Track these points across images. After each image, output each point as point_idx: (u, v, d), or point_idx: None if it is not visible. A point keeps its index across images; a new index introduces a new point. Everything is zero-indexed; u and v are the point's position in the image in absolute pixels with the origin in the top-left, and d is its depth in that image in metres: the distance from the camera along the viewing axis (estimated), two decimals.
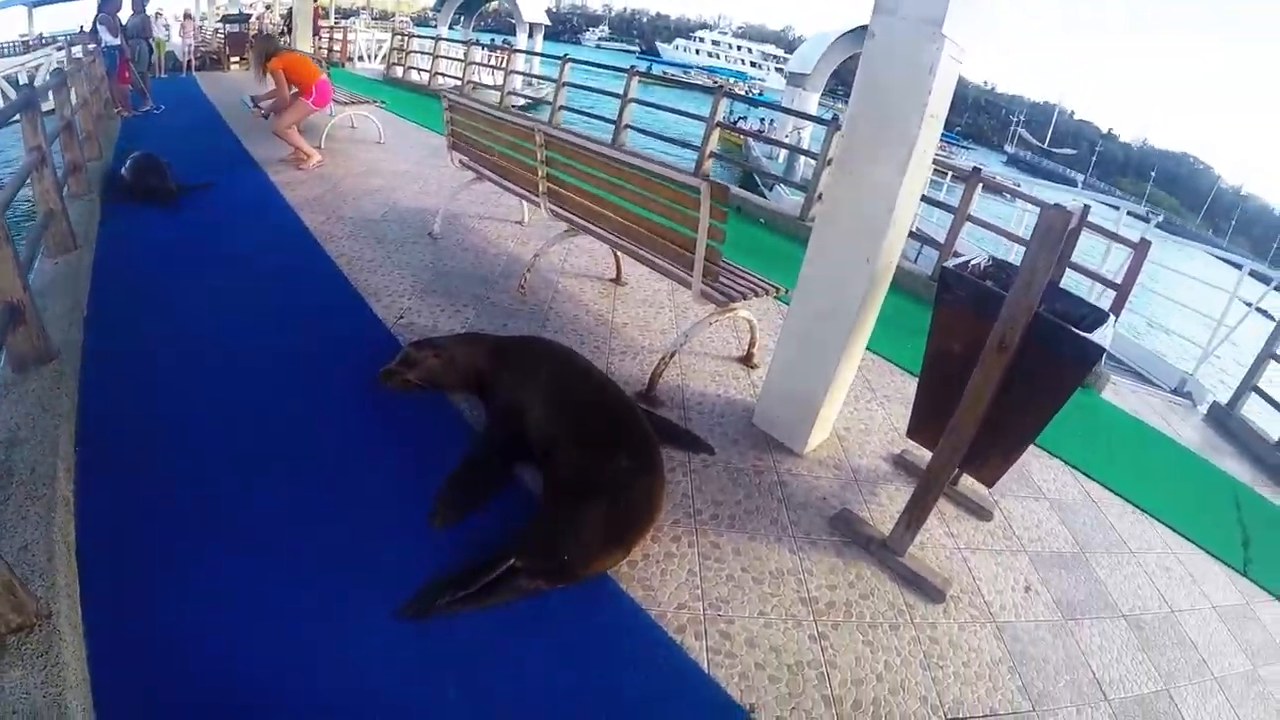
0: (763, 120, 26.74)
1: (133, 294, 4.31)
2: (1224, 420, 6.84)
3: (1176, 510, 4.43)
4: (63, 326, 3.60)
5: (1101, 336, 2.77)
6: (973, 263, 3.30)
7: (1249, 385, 6.90)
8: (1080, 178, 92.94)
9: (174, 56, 16.34)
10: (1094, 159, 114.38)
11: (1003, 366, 2.62)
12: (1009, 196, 9.85)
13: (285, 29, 20.58)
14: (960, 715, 2.49)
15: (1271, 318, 7.02)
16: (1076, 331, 2.72)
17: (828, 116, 9.21)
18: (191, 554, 2.50)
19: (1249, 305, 7.46)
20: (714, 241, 3.65)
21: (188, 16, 17.90)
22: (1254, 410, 7.07)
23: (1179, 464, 5.43)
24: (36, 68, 13.32)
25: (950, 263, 3.16)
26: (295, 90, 7.59)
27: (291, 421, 3.31)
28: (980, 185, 7.50)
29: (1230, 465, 5.80)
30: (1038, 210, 9.02)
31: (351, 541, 2.66)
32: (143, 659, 2.12)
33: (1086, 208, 3.80)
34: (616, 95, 10.92)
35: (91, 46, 10.41)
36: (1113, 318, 3.18)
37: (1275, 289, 7.72)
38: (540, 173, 4.70)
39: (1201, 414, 7.06)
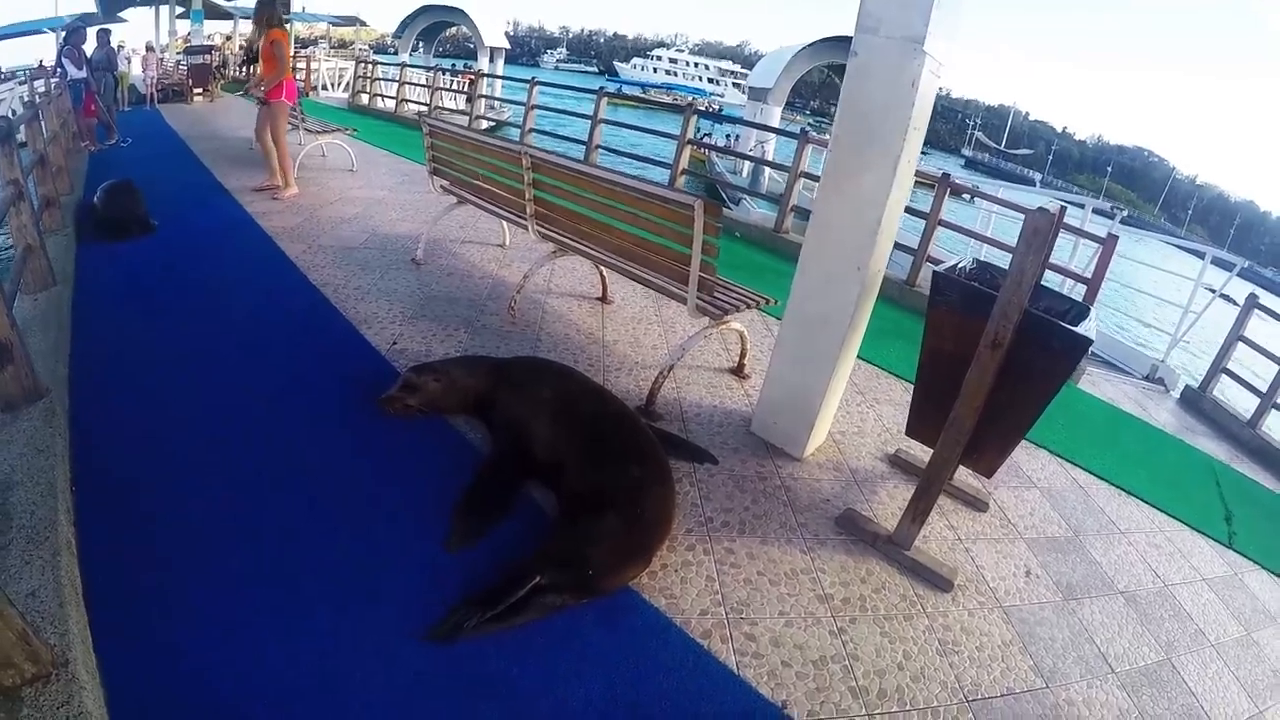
0: (728, 136, 26.99)
1: (117, 329, 4.27)
2: (1197, 402, 7.06)
3: (1160, 490, 4.60)
4: (49, 364, 3.54)
5: (1087, 329, 2.91)
6: (959, 266, 3.41)
7: (1219, 367, 7.13)
8: (1038, 176, 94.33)
9: (136, 89, 16.20)
10: (1050, 158, 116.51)
11: (997, 362, 2.74)
12: (970, 198, 10.06)
13: (245, 59, 20.54)
14: (979, 696, 2.59)
15: (1235, 302, 7.24)
16: (1065, 326, 2.84)
17: (795, 130, 9.36)
18: (203, 592, 2.47)
19: (1213, 291, 7.68)
20: (708, 257, 3.73)
21: (150, 48, 17.79)
22: (1225, 391, 7.31)
23: (1158, 447, 5.60)
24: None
25: (939, 267, 3.27)
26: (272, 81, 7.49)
27: (293, 453, 3.29)
28: (949, 190, 7.67)
29: (1206, 445, 6.00)
30: (998, 210, 9.33)
31: (367, 569, 2.65)
32: (165, 702, 2.08)
33: (1063, 209, 3.92)
34: (586, 116, 11.03)
35: (55, 80, 10.34)
36: (1094, 310, 3.31)
37: (1238, 275, 7.98)
38: (527, 195, 4.76)
39: (1175, 398, 7.29)
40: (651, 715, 2.28)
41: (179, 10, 23.69)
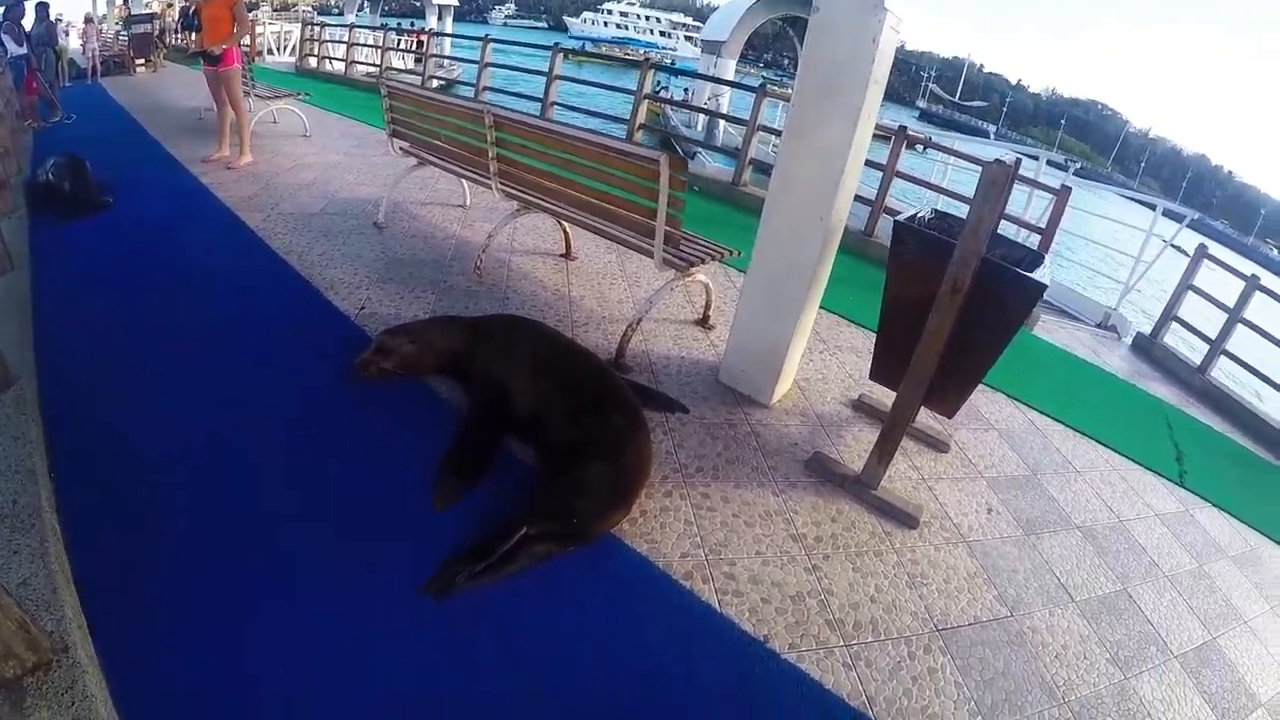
0: (686, 90, 26.82)
1: (80, 311, 4.19)
2: (1148, 349, 7.28)
3: (1113, 432, 4.78)
4: (14, 351, 3.45)
5: (1041, 275, 3.02)
6: (918, 216, 3.50)
7: (1170, 315, 7.34)
8: (992, 129, 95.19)
9: (76, 63, 15.65)
10: (1004, 110, 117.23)
11: (956, 308, 2.85)
12: (922, 149, 10.16)
13: (182, 26, 19.93)
14: (948, 625, 2.75)
15: (1186, 253, 7.45)
16: (1021, 272, 2.96)
17: (753, 84, 9.36)
18: (193, 567, 2.48)
19: (1166, 242, 7.88)
20: (674, 210, 3.79)
21: (89, 20, 17.19)
22: (1176, 338, 7.54)
23: (1111, 390, 5.80)
24: None
25: (900, 217, 3.35)
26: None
27: (271, 422, 3.29)
28: (905, 142, 7.77)
29: (1158, 389, 6.22)
30: (953, 162, 9.45)
31: (356, 532, 2.69)
32: (165, 681, 2.10)
33: (1018, 161, 4.01)
34: (541, 73, 10.95)
35: None
36: (1048, 258, 3.43)
37: (1188, 226, 8.19)
38: (491, 154, 4.76)
39: (1127, 345, 7.51)
40: (643, 654, 2.39)
41: None
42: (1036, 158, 9.29)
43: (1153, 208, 8.31)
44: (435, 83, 17.88)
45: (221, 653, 2.20)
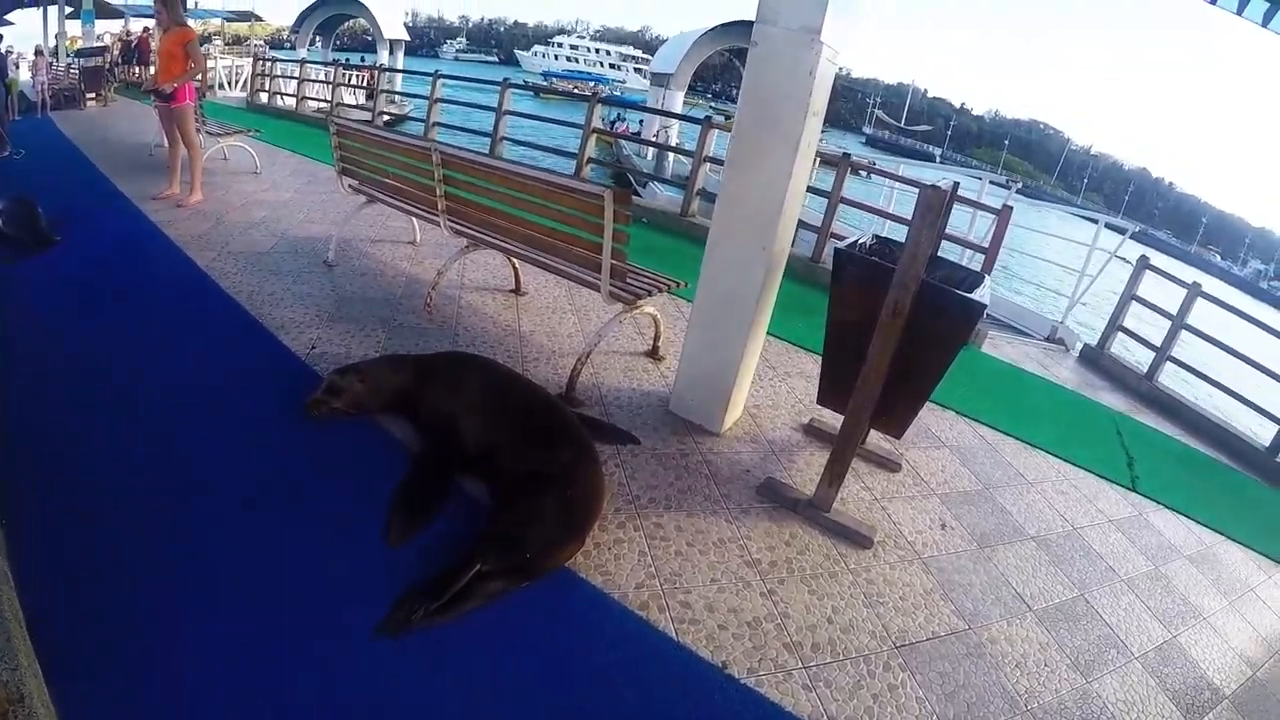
0: (641, 122, 27.07)
1: (27, 349, 4.12)
2: (1096, 359, 7.47)
3: (1064, 443, 4.91)
4: None
5: (981, 295, 3.12)
6: (860, 242, 3.59)
7: (1116, 325, 7.54)
8: (938, 152, 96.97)
9: (26, 97, 15.39)
10: (949, 133, 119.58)
11: (898, 331, 2.92)
12: (866, 174, 10.37)
13: (121, 59, 19.71)
14: (907, 642, 2.79)
15: (1130, 263, 7.67)
16: (960, 293, 3.05)
17: (700, 115, 9.50)
18: (148, 609, 2.45)
19: (1110, 254, 8.09)
20: (619, 244, 3.83)
21: (39, 53, 16.93)
22: (1123, 348, 7.74)
23: (1060, 402, 5.94)
24: None
25: (840, 244, 3.43)
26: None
27: (224, 464, 3.25)
28: (850, 169, 7.91)
29: (1106, 398, 6.39)
30: (897, 186, 9.65)
31: (310, 572, 2.67)
32: None
33: (956, 184, 4.12)
34: (490, 109, 11.00)
35: None
36: (988, 278, 3.52)
37: (1131, 238, 8.43)
38: (439, 191, 4.77)
39: (1075, 356, 7.70)
40: (601, 686, 2.39)
41: (68, 10, 22.57)
42: (980, 179, 9.52)
43: (1095, 221, 8.55)
44: (386, 118, 17.89)
45: (178, 697, 2.17)
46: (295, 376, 3.99)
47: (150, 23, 19.33)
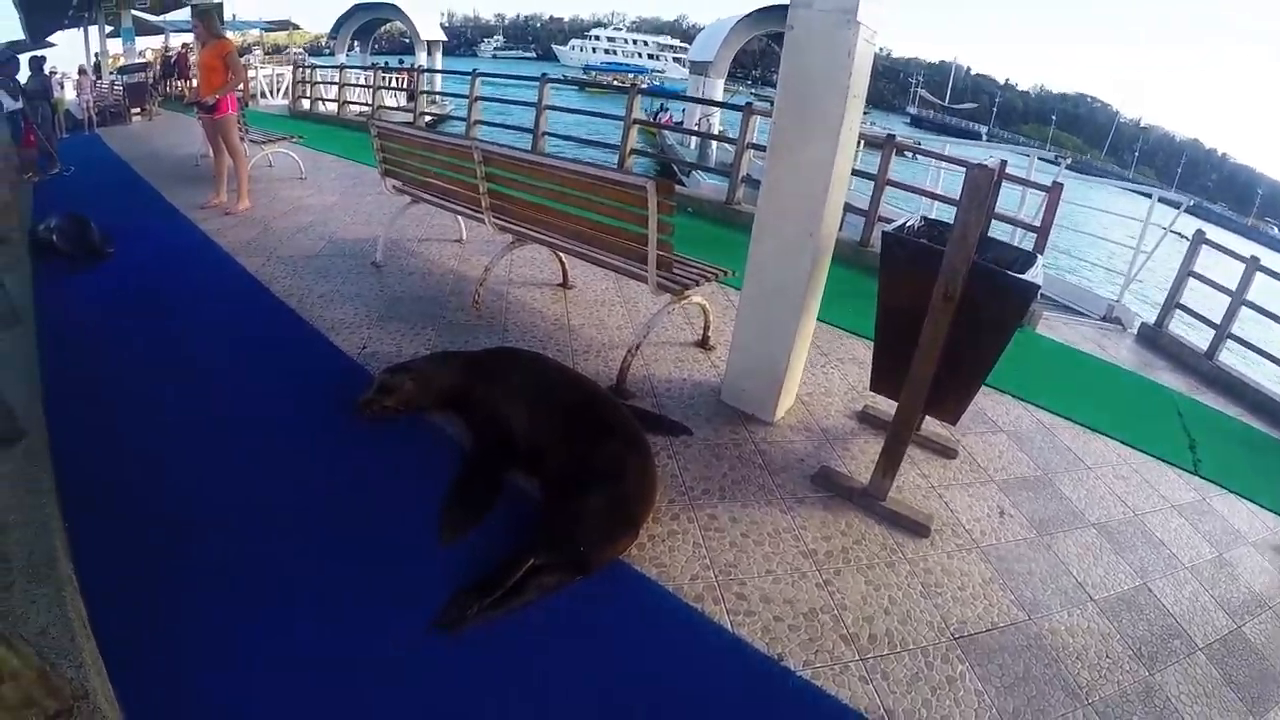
0: (684, 111, 26.96)
1: (86, 361, 4.24)
2: (1154, 338, 7.26)
3: (1124, 425, 4.76)
4: (23, 403, 3.48)
5: (1034, 276, 3.03)
6: (907, 224, 3.52)
7: (1173, 303, 7.32)
8: (984, 129, 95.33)
9: (73, 115, 15.81)
10: (995, 110, 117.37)
11: (950, 315, 2.84)
12: (911, 155, 10.21)
13: (162, 74, 20.10)
14: (965, 633, 2.73)
15: (1186, 238, 7.44)
16: (1012, 274, 2.97)
17: (741, 102, 9.41)
18: (208, 611, 2.51)
19: (1165, 229, 7.87)
20: (664, 235, 3.81)
21: (83, 71, 17.38)
22: (1181, 326, 7.51)
23: (1119, 384, 5.78)
24: None
25: (888, 227, 3.36)
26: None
27: (279, 467, 3.31)
28: (895, 150, 7.79)
29: (1166, 378, 6.20)
30: (946, 166, 9.49)
31: (367, 572, 2.70)
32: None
33: (1004, 162, 4.02)
34: (531, 104, 11.01)
35: None
36: (1041, 258, 3.43)
37: (1186, 211, 8.19)
38: (482, 189, 4.79)
39: (1132, 336, 7.48)
40: (656, 680, 2.37)
41: (109, 30, 23.10)
42: (1027, 155, 9.31)
43: (1149, 196, 8.32)
44: (428, 118, 18.04)
45: (237, 693, 2.22)
46: (347, 376, 4.04)
47: (189, 38, 19.65)
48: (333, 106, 17.65)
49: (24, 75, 11.38)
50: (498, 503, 3.04)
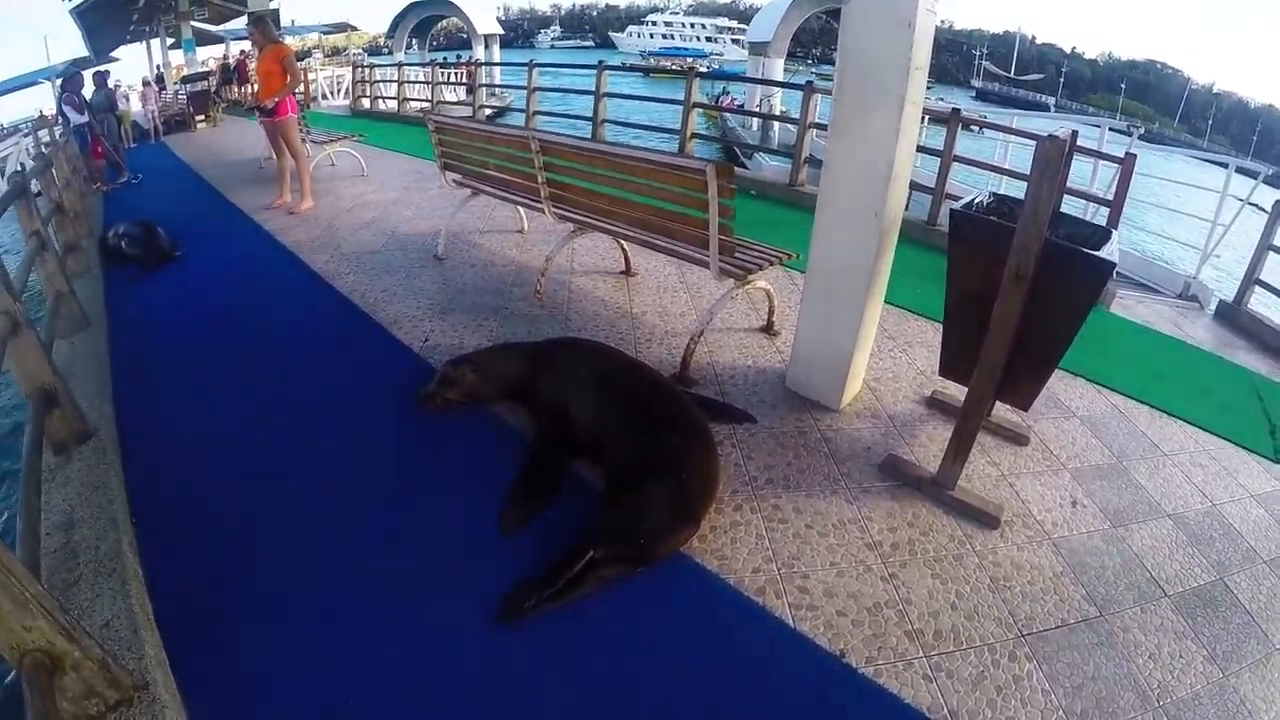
0: (745, 94, 26.75)
1: (155, 360, 4.38)
2: (1233, 317, 6.92)
3: (1201, 410, 4.54)
4: (94, 403, 3.66)
5: (1109, 253, 2.89)
6: (976, 201, 3.40)
7: (1253, 279, 6.99)
8: (1051, 101, 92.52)
9: (139, 125, 16.31)
10: (1062, 80, 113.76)
11: (1022, 295, 2.73)
12: (978, 130, 9.93)
13: (222, 80, 20.57)
14: (1034, 630, 2.62)
15: (1264, 210, 7.10)
16: (1087, 252, 2.84)
17: (801, 81, 9.26)
18: (272, 605, 2.56)
19: (1243, 201, 7.53)
20: (725, 219, 3.74)
21: (146, 83, 17.91)
22: (1261, 303, 7.17)
23: (1196, 365, 5.53)
24: (6, 158, 13.31)
25: (955, 204, 3.26)
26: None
27: (343, 459, 3.37)
28: (961, 125, 7.58)
29: (1246, 359, 5.90)
30: (1016, 140, 9.21)
31: (430, 564, 2.74)
32: (245, 713, 2.18)
33: (1075, 133, 3.88)
34: (589, 92, 10.96)
35: (59, 129, 10.43)
36: (1115, 233, 3.29)
37: (1263, 182, 7.81)
38: (540, 178, 4.78)
39: (1210, 314, 7.15)
40: (714, 675, 2.34)
41: (170, 42, 23.78)
42: (1098, 126, 9.00)
43: (1225, 166, 7.96)
44: (487, 111, 18.16)
45: (299, 686, 2.26)
46: (411, 370, 4.10)
47: (247, 45, 20.10)
48: (392, 104, 17.90)
49: (89, 90, 11.71)
50: (560, 493, 3.05)
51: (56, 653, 1.84)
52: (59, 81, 10.92)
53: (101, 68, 13.89)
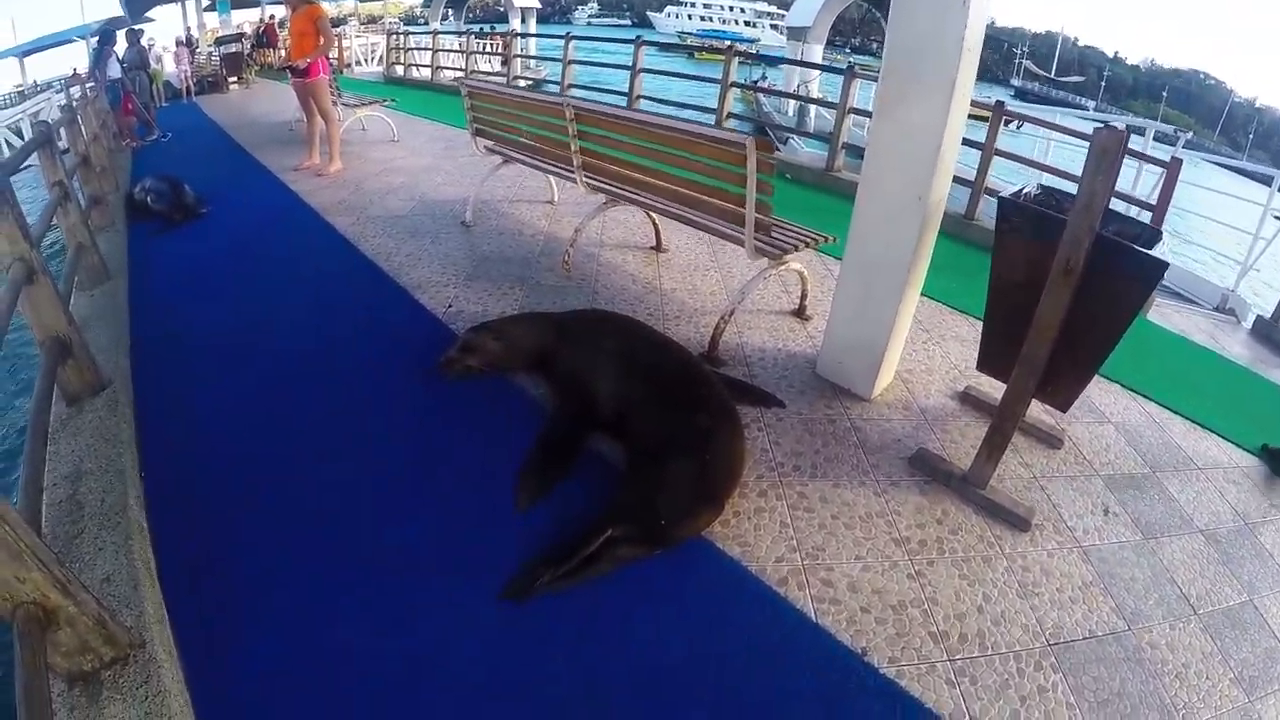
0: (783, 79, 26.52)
1: (174, 315, 4.37)
2: (1270, 333, 6.76)
3: (1236, 425, 4.38)
4: (110, 356, 3.63)
5: (1161, 253, 2.77)
6: (1025, 191, 3.28)
7: None
8: (1091, 104, 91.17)
9: (172, 85, 16.41)
10: (1103, 84, 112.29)
11: (1070, 290, 2.62)
12: (1017, 125, 9.75)
13: (257, 44, 20.57)
14: (1061, 640, 2.52)
15: None
16: (1140, 250, 2.72)
17: (843, 66, 9.10)
18: (277, 567, 2.52)
19: None
20: (764, 196, 3.64)
21: (180, 44, 17.96)
22: None
23: (1232, 380, 5.38)
24: (38, 113, 13.34)
25: (1005, 193, 3.14)
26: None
27: (357, 424, 3.33)
28: (1002, 119, 7.41)
29: None
30: (1057, 138, 9.02)
31: (439, 534, 2.68)
32: (243, 677, 2.14)
33: (1129, 129, 3.74)
34: (625, 68, 10.83)
35: (91, 85, 10.43)
36: (1166, 234, 3.16)
37: None
38: (573, 147, 4.69)
39: (1247, 329, 6.99)
40: (730, 666, 2.27)
41: (205, 4, 23.82)
42: (1143, 130, 8.82)
43: (1268, 181, 7.77)
44: (522, 83, 18.06)
45: (299, 649, 2.23)
46: (433, 336, 4.04)
47: (280, 10, 20.09)
48: (426, 72, 17.81)
49: (122, 48, 11.78)
50: (578, 469, 2.98)
51: (51, 606, 1.79)
52: (94, 40, 10.92)
53: (136, 26, 13.94)
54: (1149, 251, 2.73)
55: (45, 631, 1.78)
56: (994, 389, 3.45)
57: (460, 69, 16.94)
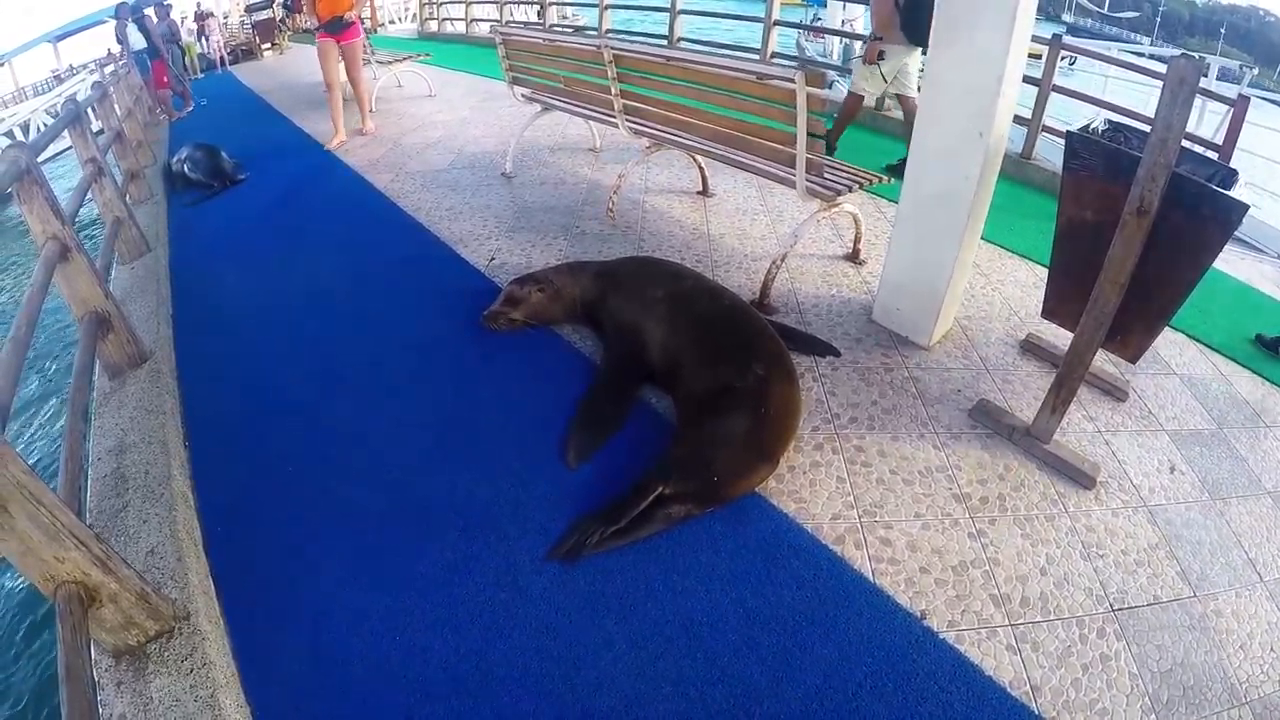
0: (815, 18, 25.83)
1: (216, 284, 4.37)
2: None
3: None
4: (152, 328, 3.64)
5: (1239, 194, 2.58)
6: (1091, 126, 3.09)
7: None
8: (1146, 40, 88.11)
9: (205, 57, 16.52)
10: (1158, 20, 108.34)
11: (1143, 232, 2.46)
12: (1072, 60, 9.37)
13: (286, 9, 20.44)
14: (1125, 605, 2.40)
15: None
16: (1219, 190, 2.53)
17: None
18: (324, 532, 2.51)
19: None
20: (815, 134, 3.49)
21: (200, 16, 17.90)
22: None
23: None
24: (74, 95, 13.39)
25: (1073, 127, 2.96)
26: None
27: (403, 382, 3.31)
28: (1059, 54, 7.10)
29: None
30: (1114, 75, 8.66)
31: (487, 493, 2.64)
32: (289, 646, 2.12)
33: (1204, 59, 3.52)
34: (664, 9, 10.52)
35: (123, 62, 10.39)
36: (1242, 174, 2.95)
37: None
38: (613, 90, 4.56)
39: None
40: (784, 628, 2.20)
41: None
42: (1206, 66, 8.45)
43: None
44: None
45: (346, 615, 2.22)
46: (476, 289, 4.00)
47: None
48: (460, 26, 17.60)
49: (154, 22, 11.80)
50: (629, 423, 2.92)
51: (92, 584, 1.79)
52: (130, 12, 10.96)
53: (165, 1, 13.97)
54: (1229, 193, 2.55)
55: (87, 609, 1.78)
56: (1057, 337, 3.29)
57: (495, 20, 16.72)
